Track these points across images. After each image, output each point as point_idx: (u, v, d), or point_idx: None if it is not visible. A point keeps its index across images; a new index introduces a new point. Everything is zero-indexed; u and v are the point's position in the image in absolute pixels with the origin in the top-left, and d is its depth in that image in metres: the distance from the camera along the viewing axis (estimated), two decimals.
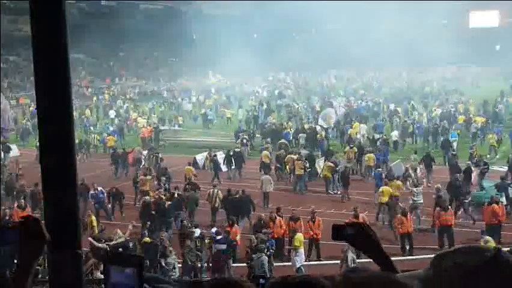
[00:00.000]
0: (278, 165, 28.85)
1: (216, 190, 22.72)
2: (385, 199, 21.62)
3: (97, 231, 18.57)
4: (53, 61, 2.92)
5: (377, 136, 34.97)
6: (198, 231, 18.15)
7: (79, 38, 55.77)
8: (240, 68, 65.33)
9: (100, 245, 16.84)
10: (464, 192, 22.50)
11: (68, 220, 2.88)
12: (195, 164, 29.74)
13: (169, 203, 21.18)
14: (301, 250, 17.68)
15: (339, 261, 16.28)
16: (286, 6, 65.83)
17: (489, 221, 19.09)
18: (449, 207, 19.98)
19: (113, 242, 17.18)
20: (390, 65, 70.71)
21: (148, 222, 19.89)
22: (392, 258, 2.47)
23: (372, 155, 28.79)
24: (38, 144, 3.39)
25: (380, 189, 22.41)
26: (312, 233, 18.61)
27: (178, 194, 22.11)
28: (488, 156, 30.58)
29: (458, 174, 24.08)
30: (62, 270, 2.77)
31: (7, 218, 19.45)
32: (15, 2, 69.88)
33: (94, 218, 20.45)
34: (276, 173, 28.59)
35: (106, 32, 74.90)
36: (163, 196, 21.68)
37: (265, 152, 29.47)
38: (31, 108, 48.80)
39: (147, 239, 17.68)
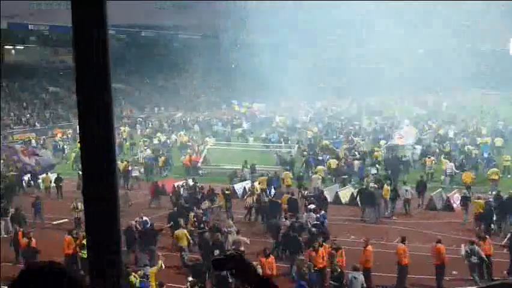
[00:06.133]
0: None
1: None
2: None
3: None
4: (96, 91, 2.95)
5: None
6: None
7: (119, 69, 56.52)
8: (282, 95, 66.25)
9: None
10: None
11: (109, 227, 2.90)
12: (234, 193, 29.96)
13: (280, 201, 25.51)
14: None
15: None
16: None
17: None
18: (487, 236, 19.45)
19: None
20: (425, 89, 70.94)
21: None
22: None
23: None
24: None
25: None
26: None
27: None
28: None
29: (492, 200, 23.72)
30: (102, 277, 2.78)
31: None
32: (56, 33, 71.68)
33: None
34: None
35: (145, 62, 76.02)
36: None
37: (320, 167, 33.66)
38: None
39: None
